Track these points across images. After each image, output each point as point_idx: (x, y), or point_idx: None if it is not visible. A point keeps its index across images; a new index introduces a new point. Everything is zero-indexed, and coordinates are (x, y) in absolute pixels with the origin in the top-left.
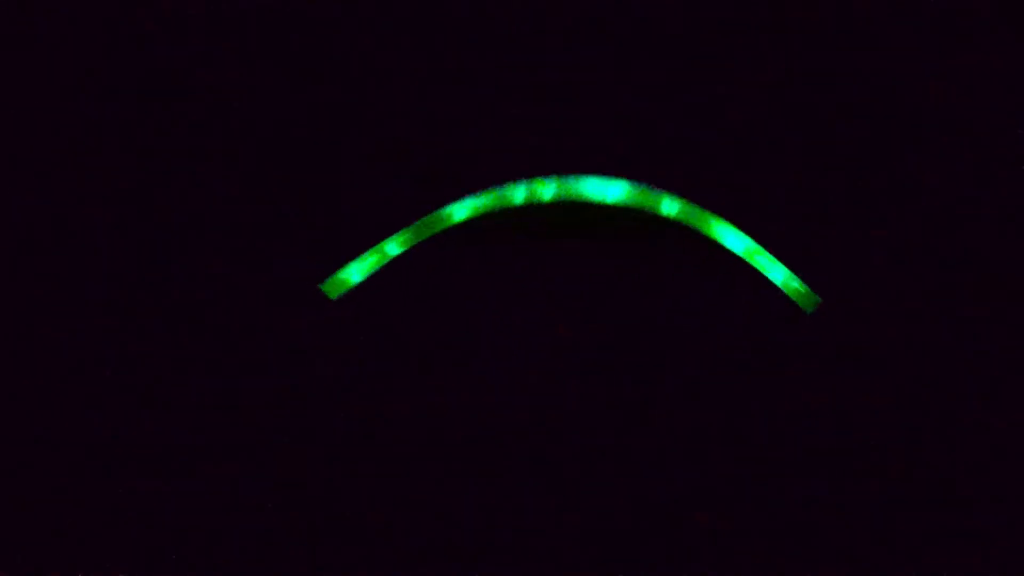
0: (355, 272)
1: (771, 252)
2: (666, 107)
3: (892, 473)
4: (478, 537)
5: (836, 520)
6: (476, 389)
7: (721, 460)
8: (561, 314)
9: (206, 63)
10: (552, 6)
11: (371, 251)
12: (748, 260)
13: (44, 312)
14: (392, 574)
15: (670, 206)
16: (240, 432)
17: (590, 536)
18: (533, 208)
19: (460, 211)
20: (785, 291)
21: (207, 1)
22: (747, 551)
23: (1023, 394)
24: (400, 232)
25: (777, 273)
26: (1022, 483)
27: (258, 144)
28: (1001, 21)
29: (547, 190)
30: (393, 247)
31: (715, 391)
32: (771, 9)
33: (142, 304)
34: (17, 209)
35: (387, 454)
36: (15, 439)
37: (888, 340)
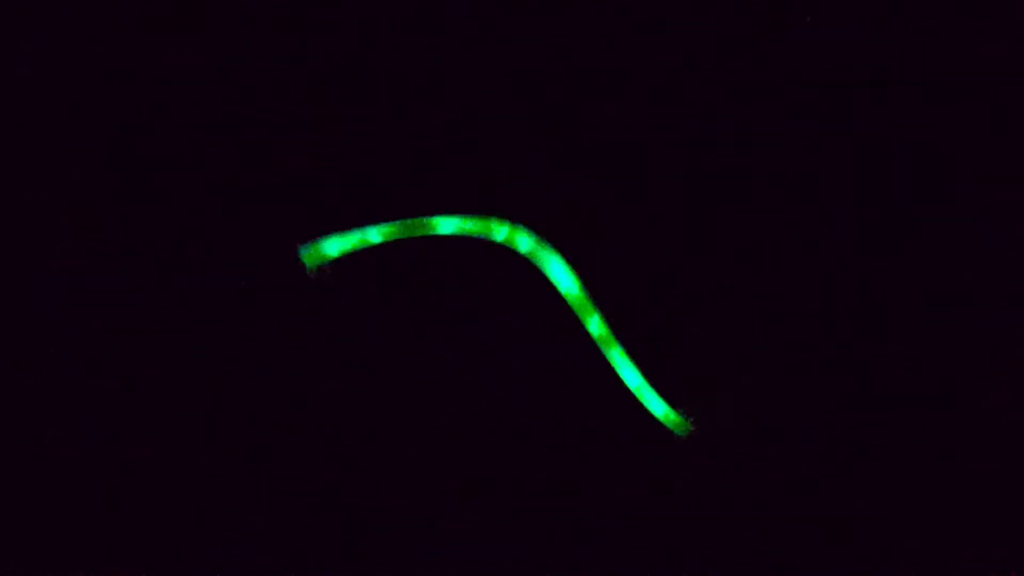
0: (334, 246)
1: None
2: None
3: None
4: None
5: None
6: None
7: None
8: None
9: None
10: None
11: (354, 232)
12: (638, 395)
13: (42, 311)
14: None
15: (597, 326)
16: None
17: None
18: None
19: (446, 225)
20: (665, 422)
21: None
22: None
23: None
24: (385, 224)
25: (658, 408)
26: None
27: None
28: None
29: (524, 242)
30: (375, 235)
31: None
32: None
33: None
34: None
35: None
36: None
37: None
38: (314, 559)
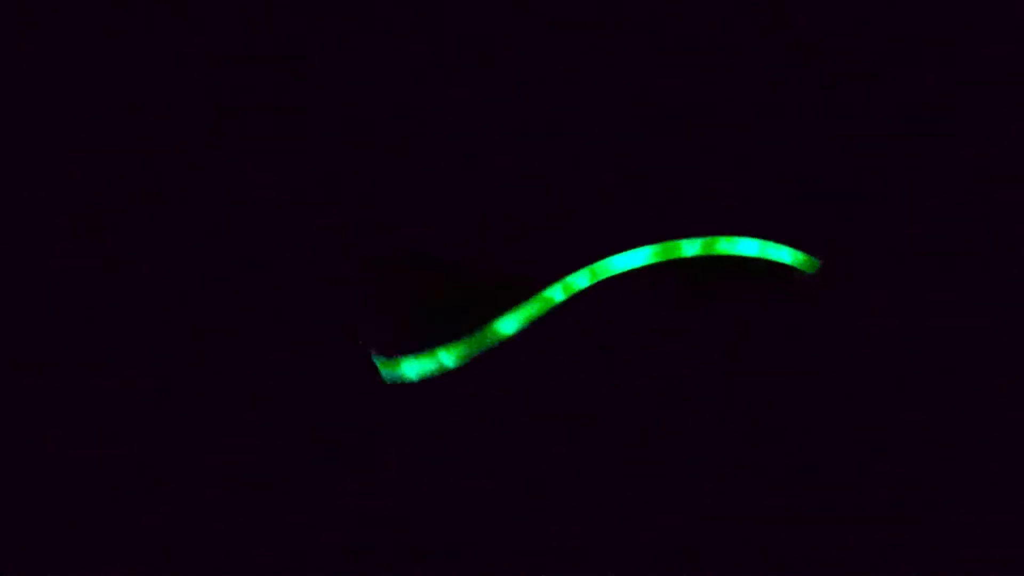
0: (411, 369)
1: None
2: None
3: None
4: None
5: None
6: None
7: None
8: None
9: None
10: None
11: (428, 355)
12: (765, 257)
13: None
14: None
15: (690, 247)
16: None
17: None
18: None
19: (509, 325)
20: (798, 266)
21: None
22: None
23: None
24: (455, 344)
25: (786, 255)
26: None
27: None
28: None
29: (582, 279)
30: (448, 358)
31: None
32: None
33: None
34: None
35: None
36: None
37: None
38: (314, 559)
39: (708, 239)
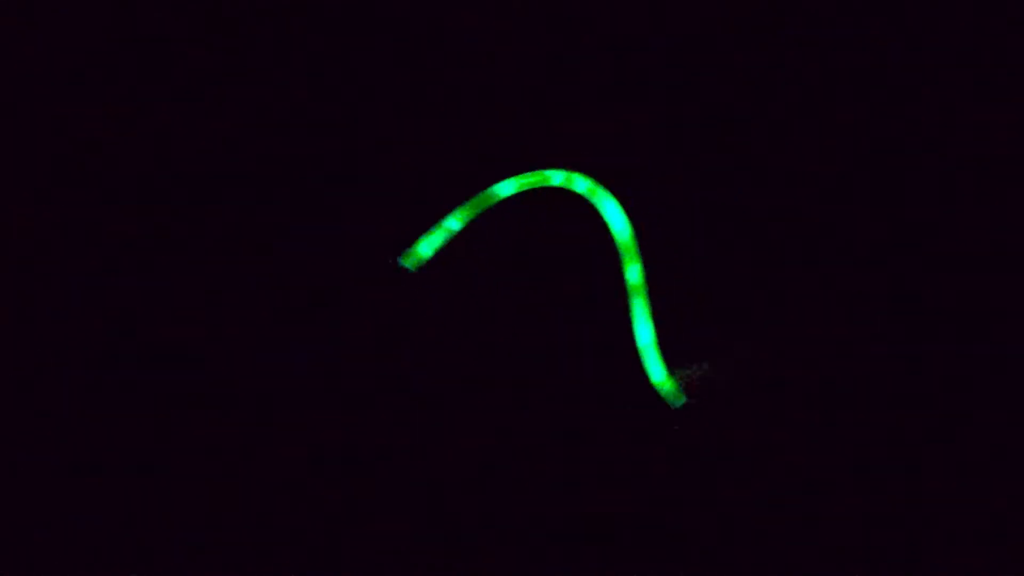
0: (426, 247)
1: None
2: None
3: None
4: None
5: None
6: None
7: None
8: None
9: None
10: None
11: (437, 228)
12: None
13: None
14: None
15: (636, 274)
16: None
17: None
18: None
19: (506, 188)
20: (658, 389)
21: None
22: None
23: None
24: (458, 210)
25: (657, 373)
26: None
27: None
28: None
29: (581, 183)
30: (455, 223)
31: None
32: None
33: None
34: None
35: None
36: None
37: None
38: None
39: (638, 287)
